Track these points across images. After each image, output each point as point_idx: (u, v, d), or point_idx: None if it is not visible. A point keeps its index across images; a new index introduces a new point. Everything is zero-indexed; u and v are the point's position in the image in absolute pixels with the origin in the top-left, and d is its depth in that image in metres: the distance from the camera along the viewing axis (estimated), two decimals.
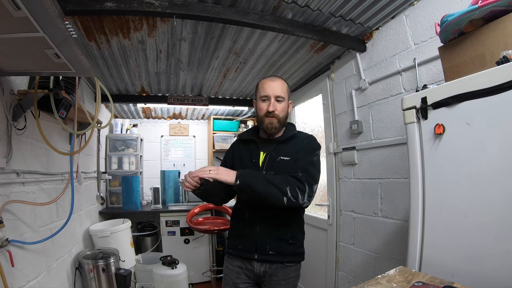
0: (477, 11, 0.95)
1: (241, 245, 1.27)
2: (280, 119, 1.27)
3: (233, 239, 1.33)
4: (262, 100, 1.28)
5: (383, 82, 1.80)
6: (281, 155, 1.26)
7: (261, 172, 1.24)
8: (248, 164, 1.29)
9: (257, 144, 1.32)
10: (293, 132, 1.33)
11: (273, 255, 1.22)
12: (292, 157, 1.25)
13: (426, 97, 1.03)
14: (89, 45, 1.85)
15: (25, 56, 0.99)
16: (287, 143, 1.30)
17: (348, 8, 1.60)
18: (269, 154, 1.28)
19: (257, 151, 1.30)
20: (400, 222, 1.65)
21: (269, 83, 1.28)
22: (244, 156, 1.34)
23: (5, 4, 0.67)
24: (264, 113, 1.26)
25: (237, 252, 1.28)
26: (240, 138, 1.43)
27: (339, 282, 2.21)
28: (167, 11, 1.42)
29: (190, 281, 2.93)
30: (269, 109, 1.25)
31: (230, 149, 1.45)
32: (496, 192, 0.83)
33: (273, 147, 1.29)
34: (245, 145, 1.37)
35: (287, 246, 1.24)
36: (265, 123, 1.27)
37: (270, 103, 1.25)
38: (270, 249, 1.22)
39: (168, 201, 3.66)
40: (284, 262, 1.24)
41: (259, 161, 1.28)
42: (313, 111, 2.75)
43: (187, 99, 3.04)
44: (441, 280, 0.85)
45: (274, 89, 1.26)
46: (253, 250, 1.24)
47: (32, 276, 1.43)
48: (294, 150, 1.27)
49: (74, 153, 1.92)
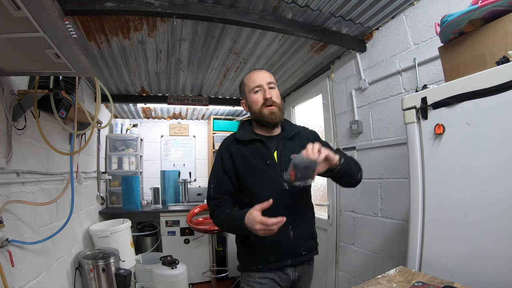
0: (477, 11, 0.95)
1: (273, 257, 1.13)
2: (279, 106, 1.19)
3: (259, 252, 1.14)
4: (254, 92, 1.18)
5: (383, 82, 1.80)
6: (294, 153, 1.15)
7: (279, 172, 1.14)
8: (262, 167, 1.15)
9: (264, 143, 1.18)
10: (298, 128, 1.29)
11: (305, 255, 1.17)
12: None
13: (426, 97, 1.03)
14: (89, 45, 1.85)
15: (25, 56, 0.99)
16: (294, 140, 1.23)
17: (348, 8, 1.60)
18: (280, 152, 1.18)
19: (268, 151, 1.17)
20: (400, 222, 1.65)
21: (256, 73, 1.21)
22: (251, 158, 1.17)
23: (5, 4, 0.67)
24: (261, 104, 1.16)
25: (270, 265, 1.13)
26: (238, 138, 1.21)
27: (339, 282, 2.21)
28: (167, 11, 1.42)
29: (190, 281, 2.93)
30: (266, 96, 1.15)
31: (224, 153, 1.21)
32: (496, 192, 0.83)
33: (281, 144, 1.19)
34: (245, 146, 1.19)
35: (313, 242, 1.22)
36: (265, 114, 1.16)
37: (265, 90, 1.16)
38: (303, 250, 1.16)
39: (168, 201, 3.66)
40: (312, 258, 1.22)
41: (275, 162, 1.16)
42: (313, 111, 2.75)
43: (187, 99, 3.04)
44: (441, 280, 0.85)
45: (263, 77, 1.18)
46: (287, 257, 1.14)
47: (32, 276, 1.43)
48: (303, 145, 1.21)
49: (74, 153, 1.92)
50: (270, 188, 1.14)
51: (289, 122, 1.32)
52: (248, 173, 1.16)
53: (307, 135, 1.29)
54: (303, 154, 0.95)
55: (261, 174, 1.15)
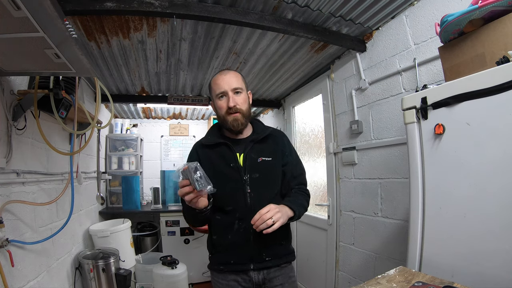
0: (477, 11, 0.95)
1: (233, 259, 1.15)
2: (244, 112, 1.16)
3: (220, 253, 1.19)
4: (219, 98, 1.16)
5: (383, 82, 1.80)
6: (262, 156, 1.18)
7: (242, 175, 1.14)
8: (225, 170, 1.15)
9: (228, 146, 1.18)
10: (268, 131, 1.24)
11: (269, 261, 1.16)
12: (274, 157, 1.20)
13: (426, 97, 1.03)
14: (89, 45, 1.85)
15: (25, 56, 0.99)
16: (264, 142, 1.21)
17: (348, 8, 1.60)
18: (247, 155, 1.16)
19: (232, 154, 1.17)
20: (400, 222, 1.65)
21: (221, 77, 1.16)
22: (215, 161, 1.17)
23: (5, 4, 0.67)
24: (225, 111, 1.15)
25: (230, 267, 1.16)
26: (202, 143, 1.23)
27: (339, 282, 2.21)
28: (167, 11, 1.42)
29: (190, 281, 2.93)
30: (230, 105, 1.12)
31: (193, 156, 1.23)
32: (496, 192, 0.83)
33: (249, 147, 1.17)
34: (212, 149, 1.20)
35: (280, 248, 1.20)
36: (229, 121, 1.15)
37: (229, 97, 1.13)
38: (266, 256, 1.15)
39: (168, 201, 3.66)
40: (280, 264, 1.18)
41: (238, 164, 1.15)
42: (313, 111, 2.76)
43: (187, 99, 3.04)
44: (441, 280, 0.85)
45: (229, 82, 1.15)
46: (248, 261, 1.14)
47: (32, 276, 1.43)
48: (275, 150, 1.22)
49: (74, 153, 1.92)
50: (233, 190, 1.14)
51: (260, 123, 1.30)
52: (213, 176, 1.13)
53: (283, 141, 1.26)
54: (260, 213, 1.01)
55: (224, 177, 1.15)
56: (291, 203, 1.13)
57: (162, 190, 3.61)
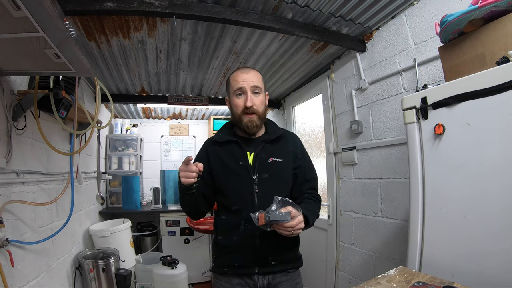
0: (477, 11, 0.95)
1: (238, 262, 1.11)
2: (260, 114, 1.13)
3: (224, 255, 1.15)
4: (236, 95, 1.13)
5: (383, 82, 1.80)
6: (273, 156, 1.15)
7: (251, 175, 1.12)
8: (234, 168, 1.13)
9: (239, 144, 1.15)
10: (281, 132, 1.23)
11: (275, 265, 1.12)
12: (286, 158, 1.18)
13: (426, 97, 1.03)
14: (89, 45, 1.85)
15: (25, 56, 0.99)
16: (276, 143, 1.19)
17: (348, 8, 1.60)
18: (257, 154, 1.14)
19: (242, 152, 1.14)
20: (400, 222, 1.65)
21: (242, 75, 1.12)
22: (225, 158, 1.15)
23: (5, 4, 0.67)
24: (241, 110, 1.12)
25: (234, 270, 1.12)
26: (214, 140, 1.21)
27: (339, 282, 2.21)
28: (167, 11, 1.42)
29: (190, 281, 2.92)
30: (247, 104, 1.09)
31: (202, 152, 1.22)
32: (496, 192, 0.83)
33: (260, 147, 1.15)
34: (223, 147, 1.18)
35: (288, 253, 1.16)
36: (244, 121, 1.12)
37: (247, 97, 1.10)
38: (272, 260, 1.11)
39: (168, 201, 3.66)
40: (286, 269, 1.14)
41: (248, 163, 1.13)
42: (313, 111, 2.76)
43: (187, 99, 3.04)
44: (441, 280, 0.85)
45: (249, 80, 1.11)
46: (253, 264, 1.10)
47: (32, 276, 1.43)
48: (286, 151, 1.20)
49: (74, 153, 1.92)
50: (240, 189, 1.12)
51: (273, 124, 1.28)
52: (221, 173, 1.14)
53: (295, 144, 1.25)
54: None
55: (233, 175, 1.13)
56: (307, 211, 1.08)
57: (162, 190, 3.61)
